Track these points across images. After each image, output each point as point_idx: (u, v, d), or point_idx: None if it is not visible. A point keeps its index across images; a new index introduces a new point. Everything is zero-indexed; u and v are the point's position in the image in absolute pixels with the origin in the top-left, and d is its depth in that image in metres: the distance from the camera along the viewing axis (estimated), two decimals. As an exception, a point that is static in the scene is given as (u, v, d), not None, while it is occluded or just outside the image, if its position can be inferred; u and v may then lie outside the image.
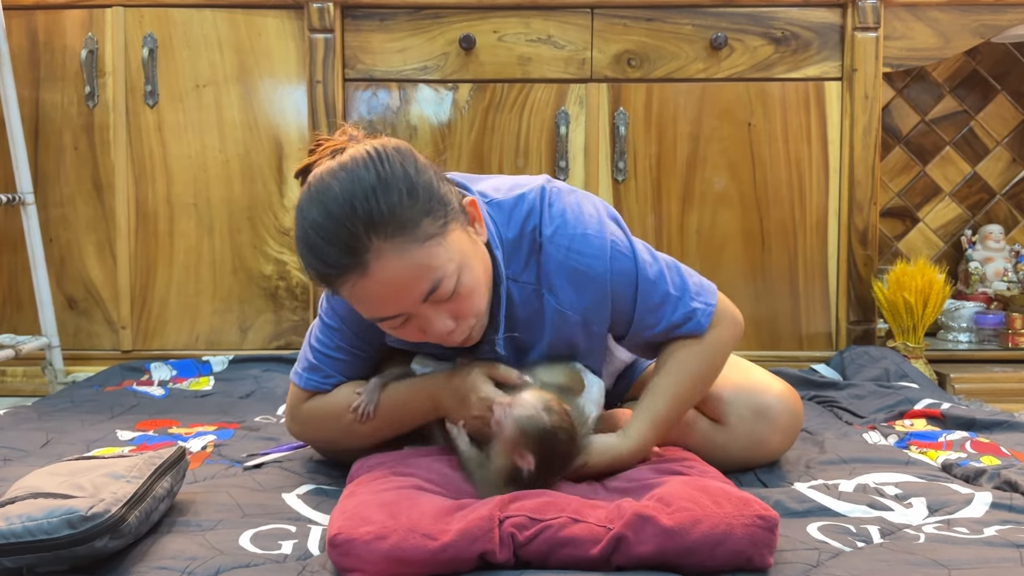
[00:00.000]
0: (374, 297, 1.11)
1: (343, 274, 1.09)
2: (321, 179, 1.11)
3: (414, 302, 1.12)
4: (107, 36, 2.30)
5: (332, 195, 1.09)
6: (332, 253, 1.08)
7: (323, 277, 1.12)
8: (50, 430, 1.66)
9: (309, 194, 1.11)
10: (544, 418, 1.09)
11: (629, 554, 0.96)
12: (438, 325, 1.14)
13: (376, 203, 1.07)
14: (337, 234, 1.08)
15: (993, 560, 1.00)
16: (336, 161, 1.12)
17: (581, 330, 1.26)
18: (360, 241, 1.07)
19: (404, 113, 2.32)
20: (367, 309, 1.14)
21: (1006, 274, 2.62)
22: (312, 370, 1.34)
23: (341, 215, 1.07)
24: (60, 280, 2.34)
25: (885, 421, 1.75)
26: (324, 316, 1.33)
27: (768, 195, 2.32)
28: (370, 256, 1.07)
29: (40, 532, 0.94)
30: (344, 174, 1.10)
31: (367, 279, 1.09)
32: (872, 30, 2.27)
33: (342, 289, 1.12)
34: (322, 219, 1.08)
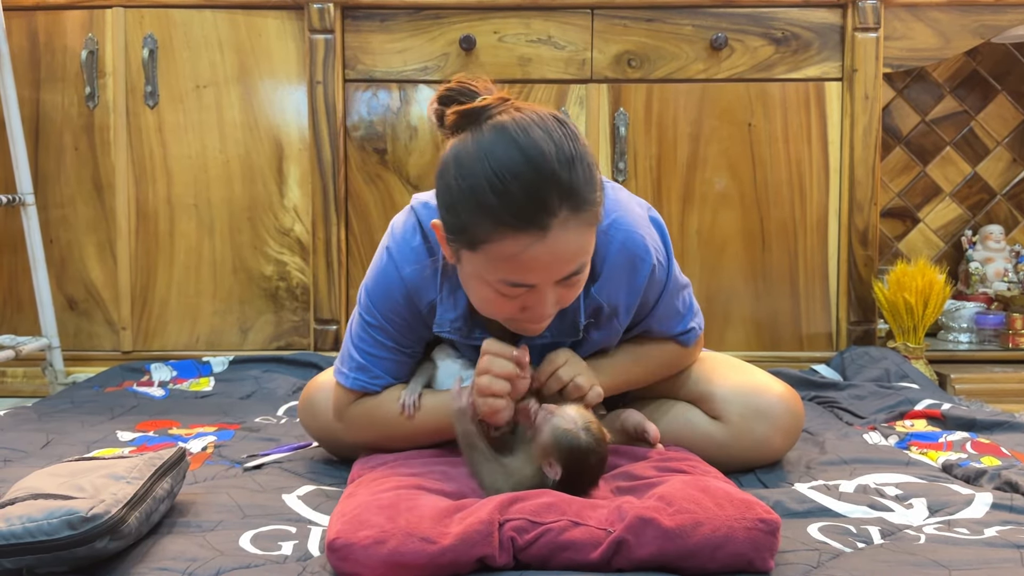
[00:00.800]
0: (531, 261, 1.08)
1: (523, 229, 1.05)
2: (522, 128, 1.06)
3: (555, 278, 1.11)
4: (107, 37, 2.30)
5: (538, 150, 1.04)
6: (526, 206, 1.04)
7: (495, 225, 1.06)
8: (50, 431, 1.66)
9: (506, 139, 1.06)
10: (581, 437, 1.10)
11: (630, 557, 0.96)
12: (548, 307, 1.14)
13: (573, 174, 1.06)
14: (537, 189, 1.04)
15: (994, 561, 1.00)
16: (528, 117, 1.08)
17: (606, 323, 1.29)
18: (554, 205, 1.05)
19: (404, 114, 2.32)
20: (510, 270, 1.09)
21: (1006, 274, 2.62)
22: (360, 370, 1.31)
23: (546, 173, 1.04)
24: (60, 281, 2.34)
25: (885, 422, 1.75)
26: (364, 314, 1.29)
27: (768, 195, 2.32)
28: (556, 223, 1.05)
29: (40, 533, 0.94)
30: (545, 135, 1.06)
31: (541, 244, 1.06)
32: (872, 30, 2.27)
33: (502, 245, 1.07)
34: (525, 169, 1.04)
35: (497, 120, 1.08)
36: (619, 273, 1.24)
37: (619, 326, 1.31)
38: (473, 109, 1.10)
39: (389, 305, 1.26)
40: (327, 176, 2.29)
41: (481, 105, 1.10)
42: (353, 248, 2.34)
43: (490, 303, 1.15)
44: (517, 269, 1.09)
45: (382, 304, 1.27)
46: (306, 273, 2.34)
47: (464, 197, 1.07)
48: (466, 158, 1.08)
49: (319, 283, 2.31)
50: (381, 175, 2.33)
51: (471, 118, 1.10)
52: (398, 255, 1.25)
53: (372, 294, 1.28)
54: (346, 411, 1.34)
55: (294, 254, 2.34)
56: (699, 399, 1.39)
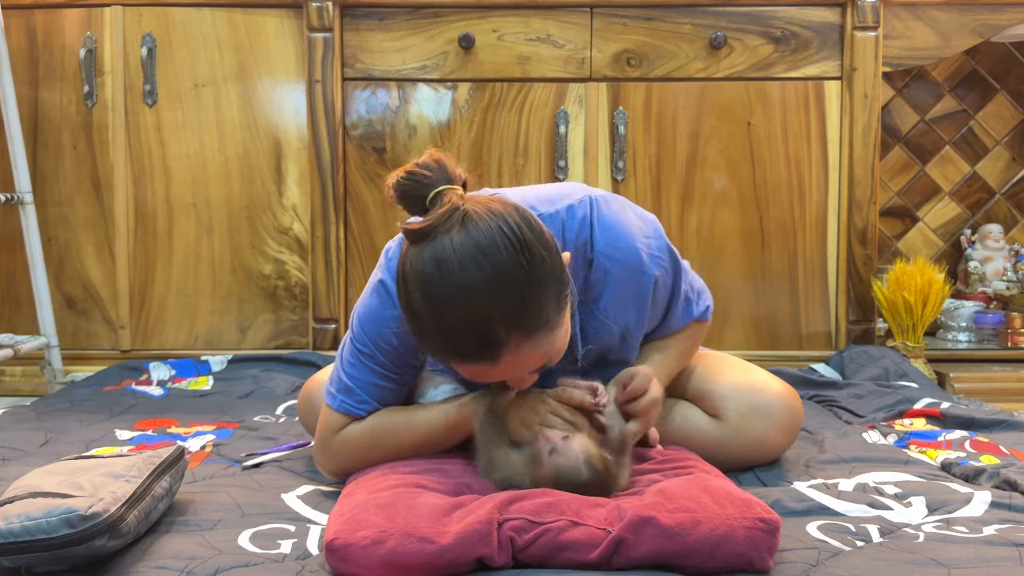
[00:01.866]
0: (487, 376, 1.11)
1: (470, 362, 1.08)
2: (462, 262, 1.03)
3: (523, 374, 1.13)
4: (106, 35, 2.30)
5: (477, 288, 1.02)
6: (468, 346, 1.05)
7: (444, 357, 1.10)
8: (49, 430, 1.66)
9: (444, 271, 1.03)
10: (582, 473, 1.10)
11: (629, 556, 0.96)
12: (527, 382, 1.17)
13: (519, 300, 1.04)
14: (479, 330, 1.04)
15: (992, 559, 1.00)
16: (471, 239, 1.04)
17: (617, 340, 1.29)
18: (500, 339, 1.05)
19: (403, 113, 2.32)
20: (471, 376, 1.12)
21: (1005, 273, 2.62)
22: (346, 392, 1.27)
23: (486, 313, 1.03)
24: (59, 280, 2.34)
25: (884, 420, 1.75)
26: (356, 342, 1.26)
27: (768, 194, 2.32)
28: (506, 351, 1.06)
29: (39, 532, 0.94)
30: (487, 264, 1.03)
31: (493, 367, 1.08)
32: (872, 29, 2.27)
33: (455, 364, 1.10)
34: (464, 310, 1.03)
35: (440, 244, 1.04)
36: (623, 294, 1.25)
37: (636, 343, 1.32)
38: (418, 231, 1.06)
39: (382, 338, 1.23)
40: (326, 175, 2.29)
41: (424, 227, 1.05)
42: (352, 247, 2.34)
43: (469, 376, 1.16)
44: (481, 378, 1.13)
45: (374, 336, 1.24)
46: (305, 272, 2.34)
47: (413, 325, 1.09)
48: (412, 287, 1.06)
49: (318, 282, 2.31)
50: (380, 174, 2.33)
51: (418, 237, 1.07)
52: (391, 286, 1.22)
53: (364, 326, 1.25)
54: (333, 440, 1.28)
55: (293, 253, 2.34)
56: (698, 397, 1.39)
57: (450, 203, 1.06)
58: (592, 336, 1.27)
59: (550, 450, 1.12)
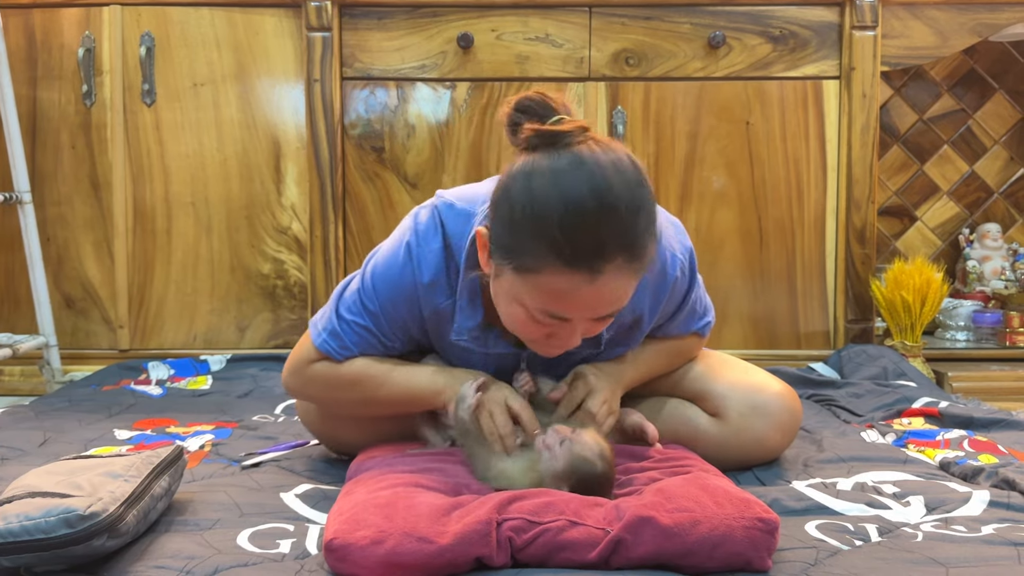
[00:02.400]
0: (574, 300, 1.07)
1: (576, 269, 1.04)
2: (600, 167, 1.04)
3: (591, 316, 1.10)
4: (104, 35, 2.30)
5: (612, 194, 1.03)
6: (582, 246, 1.02)
7: (549, 258, 1.04)
8: (47, 429, 1.66)
9: (584, 173, 1.03)
10: (597, 466, 1.10)
11: (628, 556, 0.96)
12: (576, 338, 1.13)
13: (636, 223, 1.05)
14: (602, 231, 1.02)
15: (991, 558, 1.00)
16: (606, 155, 1.05)
17: (628, 329, 1.30)
18: (612, 250, 1.03)
19: (402, 112, 2.32)
20: (550, 302, 1.08)
21: (1004, 273, 2.62)
22: (333, 336, 1.28)
23: (612, 218, 1.03)
24: (57, 279, 2.34)
25: (883, 420, 1.75)
26: (363, 295, 1.26)
27: (766, 194, 2.33)
28: (609, 268, 1.04)
29: (38, 531, 0.94)
30: (620, 179, 1.04)
31: (589, 287, 1.05)
32: (870, 29, 2.27)
33: (548, 278, 1.05)
34: (593, 210, 1.02)
35: (576, 151, 1.05)
36: (643, 286, 1.24)
37: (640, 335, 1.33)
38: (554, 133, 1.07)
39: (393, 301, 1.25)
40: (325, 174, 2.29)
41: (562, 130, 1.07)
42: (351, 246, 2.34)
43: (520, 323, 1.13)
44: (558, 303, 1.08)
45: (386, 297, 1.25)
46: (304, 271, 2.34)
47: (528, 221, 1.05)
48: (539, 183, 1.05)
49: (317, 281, 2.31)
50: (379, 173, 2.33)
51: (550, 141, 1.07)
52: (417, 256, 1.23)
53: (379, 284, 1.25)
54: (305, 369, 1.31)
55: (292, 252, 2.34)
56: (698, 397, 1.39)
57: (581, 124, 1.08)
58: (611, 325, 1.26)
59: (563, 441, 1.12)
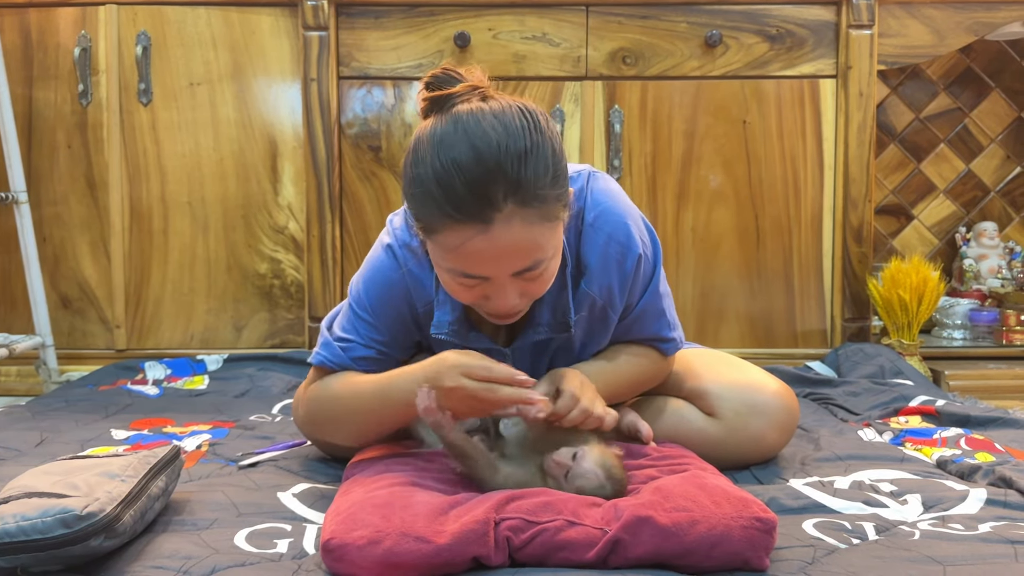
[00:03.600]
0: (475, 254, 1.08)
1: (464, 222, 1.06)
2: (476, 119, 1.06)
3: (506, 272, 1.10)
4: (100, 34, 2.29)
5: (487, 142, 1.05)
6: (467, 199, 1.05)
7: (439, 216, 1.06)
8: (44, 429, 1.66)
9: (457, 129, 1.06)
10: (607, 488, 1.10)
11: (626, 556, 0.96)
12: (510, 299, 1.13)
13: (524, 168, 1.05)
14: (479, 182, 1.04)
15: (988, 556, 1.00)
16: (488, 106, 1.08)
17: (599, 318, 1.29)
18: (498, 198, 1.05)
19: (399, 111, 2.32)
20: (457, 261, 1.10)
21: (1000, 271, 2.63)
22: (325, 347, 1.29)
23: (490, 165, 1.04)
24: (54, 279, 2.33)
25: (880, 418, 1.75)
26: (355, 307, 1.28)
27: (763, 192, 2.33)
28: (499, 217, 1.05)
29: (34, 532, 0.94)
30: (500, 127, 1.06)
31: (483, 236, 1.06)
32: (867, 28, 2.27)
33: (446, 235, 1.07)
34: (468, 161, 1.04)
35: (456, 109, 1.09)
36: (609, 264, 1.25)
37: (613, 319, 1.31)
38: (440, 96, 1.12)
39: (385, 300, 1.25)
40: (321, 174, 2.29)
41: (447, 93, 1.11)
42: (348, 246, 2.34)
43: (453, 291, 1.16)
44: (463, 260, 1.09)
45: (378, 299, 1.26)
46: (300, 271, 2.34)
47: (415, 185, 1.09)
48: (420, 146, 1.09)
49: (314, 281, 2.31)
50: (376, 172, 2.33)
51: (438, 105, 1.11)
52: (399, 252, 1.25)
53: (369, 288, 1.27)
54: (305, 393, 1.31)
55: (288, 252, 2.34)
56: (694, 396, 1.39)
57: (474, 84, 1.12)
58: (579, 306, 1.27)
59: (567, 474, 1.11)
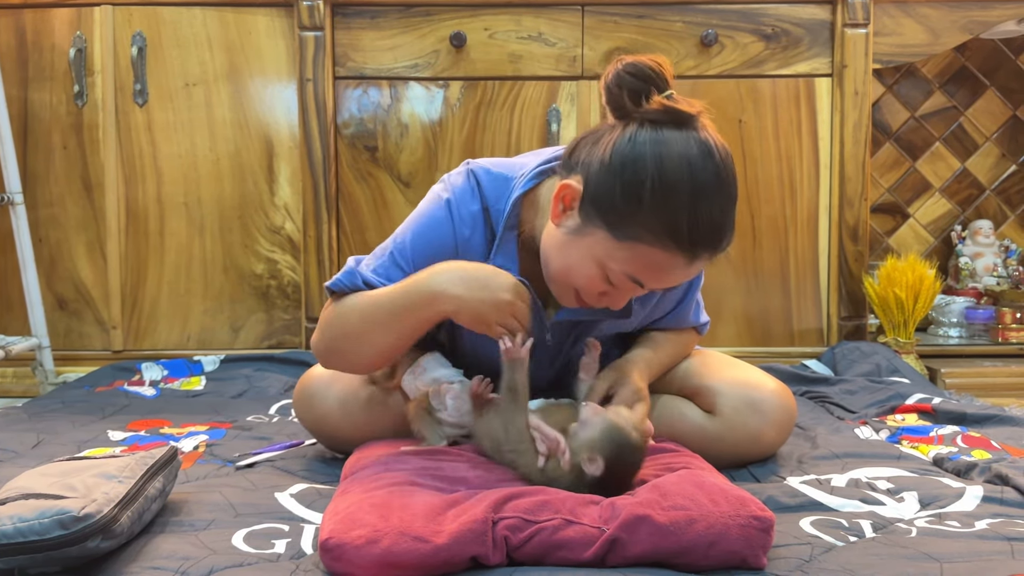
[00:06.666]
0: (664, 275, 1.13)
1: (682, 251, 1.09)
2: (722, 157, 1.10)
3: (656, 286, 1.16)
4: (96, 35, 2.29)
5: (732, 186, 1.11)
6: (702, 233, 1.09)
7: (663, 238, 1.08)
8: (41, 431, 1.65)
9: (715, 163, 1.09)
10: (632, 435, 1.11)
11: (624, 555, 0.96)
12: (624, 301, 1.19)
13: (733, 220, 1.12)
14: (720, 222, 1.10)
15: (985, 553, 1.01)
16: (722, 146, 1.11)
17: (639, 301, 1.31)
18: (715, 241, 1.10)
19: (395, 111, 2.32)
20: (640, 271, 1.12)
21: (996, 269, 2.63)
22: (347, 275, 1.26)
23: (730, 210, 1.11)
24: (50, 280, 2.33)
25: (877, 416, 1.75)
26: (397, 254, 1.25)
27: (759, 191, 2.33)
28: (704, 255, 1.11)
29: (31, 533, 0.94)
30: (733, 172, 1.11)
31: (683, 267, 1.11)
32: (862, 26, 2.27)
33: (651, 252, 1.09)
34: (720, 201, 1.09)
35: (704, 138, 1.10)
36: None
37: (658, 310, 1.36)
38: (683, 114, 1.11)
39: (432, 255, 1.21)
40: (318, 174, 2.29)
41: (690, 112, 1.11)
42: (344, 246, 2.34)
43: (582, 277, 1.15)
44: (649, 274, 1.13)
45: (424, 251, 1.23)
46: (297, 271, 2.34)
47: (655, 197, 1.08)
48: (671, 162, 1.08)
49: (310, 281, 2.31)
50: (372, 173, 2.33)
51: (677, 120, 1.10)
52: (457, 213, 1.22)
53: (418, 242, 1.23)
54: (322, 318, 1.27)
55: (285, 252, 2.34)
56: (693, 393, 1.40)
57: (698, 108, 1.12)
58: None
59: (598, 414, 1.13)
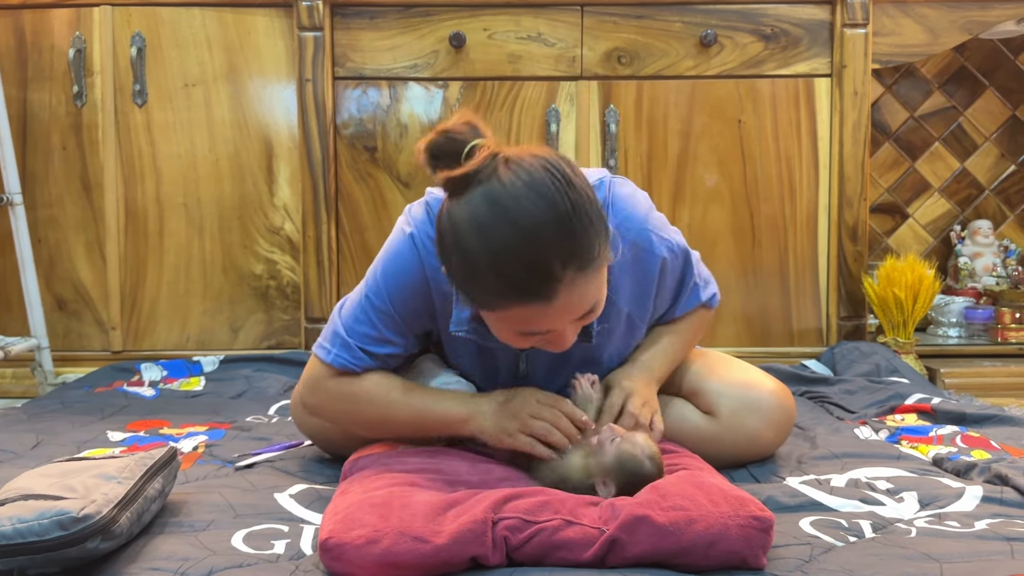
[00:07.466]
0: (540, 320, 1.08)
1: (526, 300, 1.05)
2: (512, 197, 1.03)
3: (568, 323, 1.11)
4: (95, 35, 2.29)
5: (530, 219, 1.02)
6: (529, 281, 1.04)
7: (501, 301, 1.06)
8: (40, 431, 1.65)
9: (496, 212, 1.03)
10: (646, 465, 1.10)
11: (623, 555, 0.96)
12: (569, 338, 1.14)
13: (572, 233, 1.04)
14: (537, 263, 1.03)
15: (984, 553, 1.01)
16: (516, 177, 1.04)
17: (625, 326, 1.30)
18: (557, 272, 1.04)
19: (394, 111, 2.32)
20: (521, 325, 1.09)
21: (995, 269, 2.63)
22: (344, 348, 1.26)
23: (544, 243, 1.03)
24: (49, 281, 2.33)
25: (876, 416, 1.75)
26: (371, 295, 1.25)
27: (759, 192, 2.33)
28: (562, 287, 1.05)
29: (31, 534, 0.94)
30: (537, 197, 1.03)
31: (547, 306, 1.06)
32: (861, 26, 2.28)
33: (510, 313, 1.07)
34: (519, 245, 1.02)
35: (488, 187, 1.05)
36: (629, 270, 1.26)
37: (640, 326, 1.33)
38: (464, 176, 1.06)
39: (404, 292, 1.23)
40: (317, 174, 2.29)
41: (469, 171, 1.06)
42: (344, 246, 2.34)
43: (510, 340, 1.15)
44: (533, 324, 1.09)
45: (396, 290, 1.23)
46: (296, 272, 2.34)
47: (465, 273, 1.07)
48: (462, 232, 1.05)
49: (310, 282, 2.31)
50: (371, 173, 2.33)
51: (462, 184, 1.06)
52: (422, 244, 1.22)
53: (388, 279, 1.24)
54: (325, 384, 1.28)
55: (284, 253, 2.34)
56: (692, 394, 1.40)
57: (489, 150, 1.07)
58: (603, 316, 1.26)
59: (614, 439, 1.12)
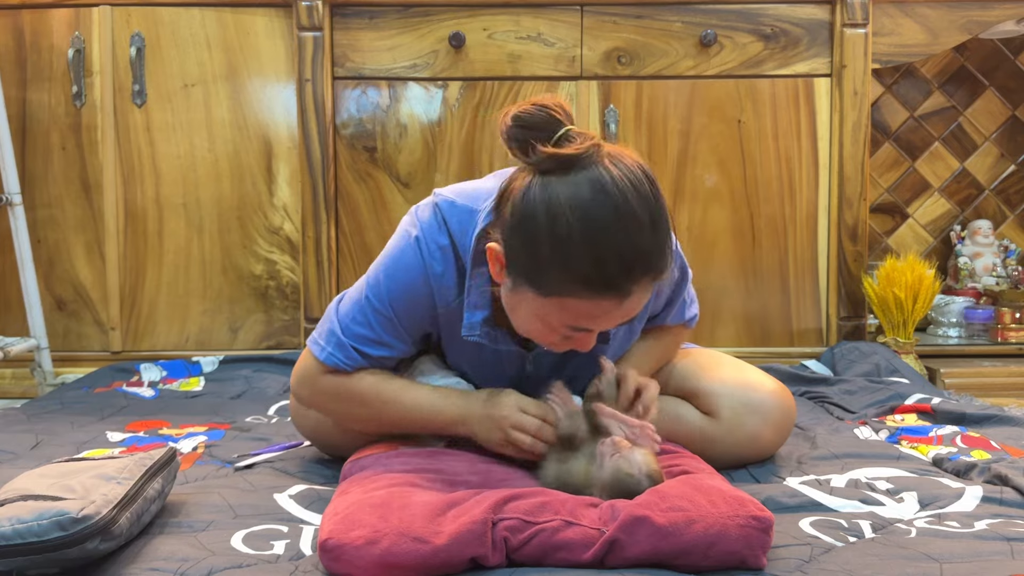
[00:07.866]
0: (601, 318, 1.09)
1: (601, 295, 1.06)
2: (619, 189, 1.04)
3: (617, 323, 1.13)
4: (94, 35, 2.29)
5: (632, 216, 1.04)
6: (611, 275, 1.05)
7: (581, 288, 1.06)
8: (39, 432, 1.65)
9: (603, 199, 1.03)
10: (642, 485, 1.09)
11: (623, 556, 0.96)
12: (592, 341, 1.16)
13: (658, 242, 1.06)
14: (630, 258, 1.04)
15: (984, 553, 1.01)
16: (619, 170, 1.05)
17: (626, 327, 1.30)
18: (636, 274, 1.06)
19: (394, 111, 2.32)
20: (576, 320, 1.09)
21: (995, 269, 2.63)
22: (339, 347, 1.25)
23: (640, 243, 1.05)
24: (48, 281, 2.33)
25: (876, 416, 1.75)
26: (371, 297, 1.23)
27: (758, 192, 2.33)
28: (636, 289, 1.07)
29: (30, 535, 0.93)
30: (638, 196, 1.04)
31: (615, 307, 1.07)
32: (861, 26, 2.27)
33: (577, 303, 1.07)
34: (620, 236, 1.04)
35: (595, 174, 1.05)
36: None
37: (638, 327, 1.34)
38: (570, 157, 1.06)
39: (406, 298, 1.22)
40: (316, 175, 2.29)
41: (578, 152, 1.06)
42: (343, 247, 2.33)
43: (538, 334, 1.15)
44: (585, 321, 1.10)
45: (399, 295, 1.22)
46: (296, 272, 2.34)
47: (554, 249, 1.05)
48: (562, 209, 1.04)
49: (309, 282, 2.31)
50: (371, 173, 2.32)
51: (567, 165, 1.06)
52: (426, 249, 1.21)
53: (390, 283, 1.22)
54: (316, 380, 1.28)
55: (284, 253, 2.34)
56: (691, 394, 1.40)
57: (592, 139, 1.07)
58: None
59: (614, 454, 1.12)
